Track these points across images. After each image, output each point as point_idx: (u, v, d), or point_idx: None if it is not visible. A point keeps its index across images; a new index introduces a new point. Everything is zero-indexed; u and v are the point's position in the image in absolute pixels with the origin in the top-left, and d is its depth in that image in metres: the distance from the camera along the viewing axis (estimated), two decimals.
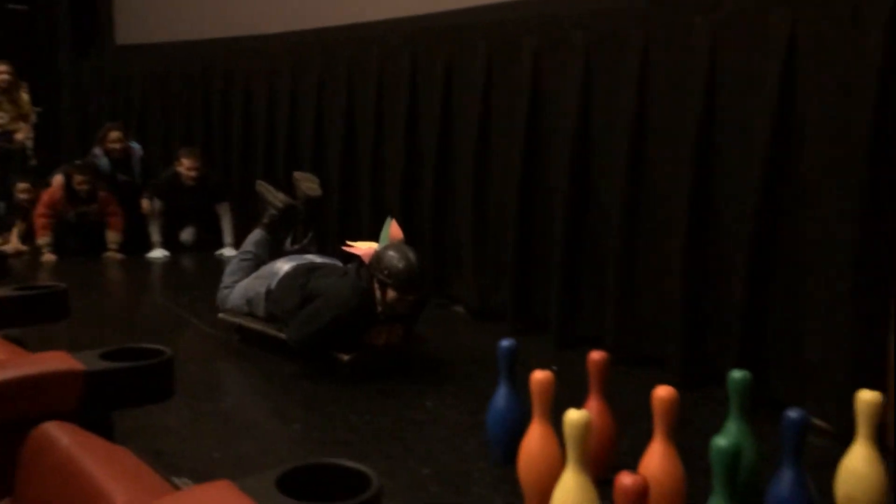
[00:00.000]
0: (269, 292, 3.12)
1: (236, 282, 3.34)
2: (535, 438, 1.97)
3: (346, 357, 2.83)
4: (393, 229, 2.96)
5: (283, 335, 3.00)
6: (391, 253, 2.82)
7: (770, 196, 2.62)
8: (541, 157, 3.42)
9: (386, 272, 2.79)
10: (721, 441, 1.56)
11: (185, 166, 5.13)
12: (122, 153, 5.48)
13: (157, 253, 5.20)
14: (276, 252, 3.42)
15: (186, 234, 5.44)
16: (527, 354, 3.16)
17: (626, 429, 2.23)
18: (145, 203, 5.21)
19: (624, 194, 3.05)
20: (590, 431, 1.72)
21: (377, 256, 2.84)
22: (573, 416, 1.70)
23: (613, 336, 3.08)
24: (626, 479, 1.42)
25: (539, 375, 1.97)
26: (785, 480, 1.74)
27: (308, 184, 3.58)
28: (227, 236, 5.27)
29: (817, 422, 2.49)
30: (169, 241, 5.29)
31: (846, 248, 2.40)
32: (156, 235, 5.24)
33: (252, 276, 3.28)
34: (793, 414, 1.72)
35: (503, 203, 3.57)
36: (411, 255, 2.82)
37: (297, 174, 3.69)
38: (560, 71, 3.31)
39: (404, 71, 4.06)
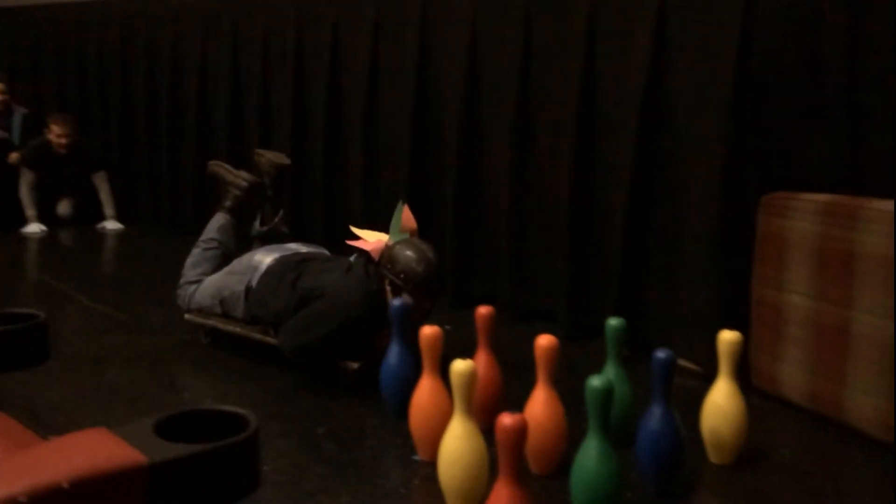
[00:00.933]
0: (249, 291, 2.70)
1: (202, 276, 2.91)
2: (424, 391, 2.03)
3: (354, 365, 2.48)
4: (405, 217, 2.58)
5: (271, 340, 2.63)
6: (409, 253, 2.44)
7: (645, 152, 2.76)
8: (429, 122, 3.46)
9: (402, 276, 2.42)
10: (594, 381, 1.66)
11: (56, 133, 4.87)
12: (2, 105, 5.19)
13: (33, 228, 4.93)
14: (242, 237, 3.02)
15: (63, 208, 5.17)
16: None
17: (514, 379, 2.32)
18: (13, 155, 4.94)
19: (512, 155, 3.13)
20: (475, 381, 1.79)
21: (391, 255, 2.47)
22: (459, 366, 1.76)
23: (506, 293, 3.19)
24: (506, 419, 1.49)
25: (427, 331, 2.02)
26: (655, 415, 1.86)
27: (272, 155, 3.17)
28: (108, 208, 5.05)
29: (689, 365, 2.68)
30: (45, 215, 5.03)
31: (712, 202, 2.58)
32: (30, 209, 4.96)
33: (224, 272, 2.84)
34: (660, 354, 1.84)
35: (395, 165, 3.59)
36: (431, 255, 2.46)
37: (259, 151, 3.25)
38: (446, 34, 3.34)
39: (290, 23, 4.00)
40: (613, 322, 2.11)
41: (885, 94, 2.32)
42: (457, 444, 1.77)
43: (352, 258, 2.68)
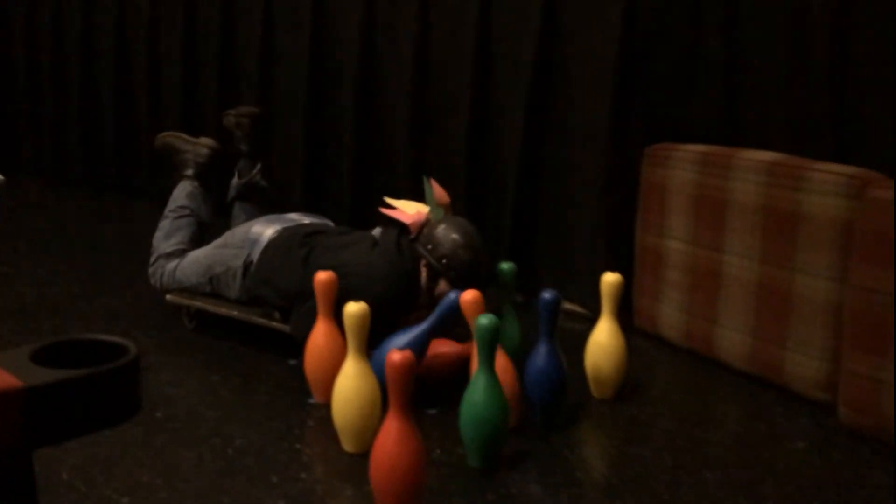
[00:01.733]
0: (248, 267, 2.38)
1: (179, 248, 2.59)
2: (319, 334, 2.05)
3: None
4: (437, 192, 2.31)
5: (276, 324, 2.33)
6: (455, 236, 2.16)
7: (537, 106, 2.83)
8: (328, 67, 3.42)
9: (445, 261, 2.15)
10: (482, 319, 1.73)
11: None
12: None
13: None
14: (214, 206, 2.76)
15: None
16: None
17: None
18: None
19: (410, 103, 3.13)
20: (367, 321, 1.82)
21: (433, 235, 2.18)
22: (351, 307, 1.79)
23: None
24: (394, 356, 1.53)
25: (321, 276, 2.04)
26: (541, 353, 1.96)
27: (243, 109, 2.89)
28: None
29: (578, 308, 2.81)
30: None
31: (600, 153, 2.68)
32: None
33: (214, 246, 2.51)
34: (546, 295, 1.93)
35: (291, 113, 3.54)
36: (477, 241, 2.19)
37: (226, 112, 2.93)
38: None
39: None
40: (504, 266, 2.18)
41: (758, 52, 2.46)
42: (349, 383, 1.81)
43: (374, 231, 2.34)
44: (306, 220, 2.51)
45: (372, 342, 1.97)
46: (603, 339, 2.14)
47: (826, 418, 2.07)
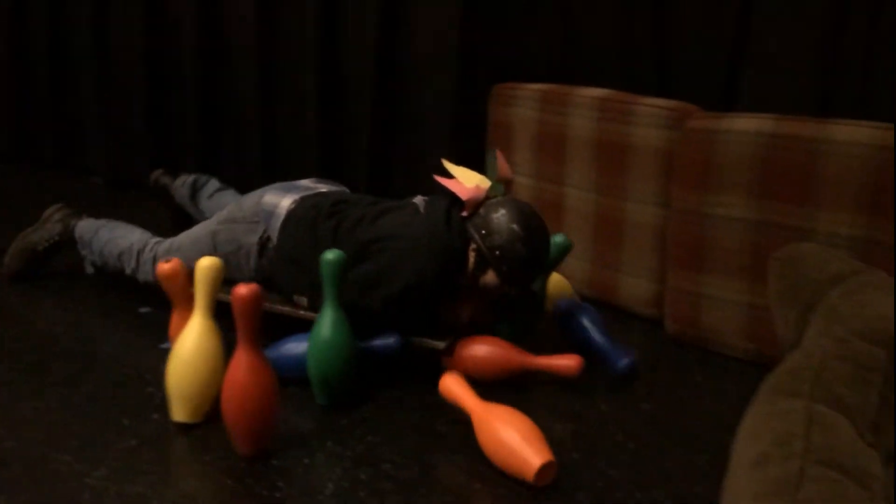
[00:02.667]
0: (265, 244, 2.07)
1: (145, 236, 2.27)
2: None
3: (440, 345, 1.91)
4: (501, 166, 2.00)
5: (304, 313, 2.00)
6: (514, 226, 1.85)
7: (384, 46, 2.85)
8: (164, 20, 3.29)
9: (498, 252, 1.85)
10: (328, 254, 1.76)
11: None
12: None
13: None
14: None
15: None
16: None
17: None
18: None
19: (255, 57, 3.09)
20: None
21: (489, 218, 1.87)
22: (204, 261, 1.72)
23: (258, 177, 3.17)
24: (241, 289, 1.55)
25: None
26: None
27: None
28: None
29: None
30: None
31: (449, 95, 2.76)
32: None
33: (218, 220, 2.15)
34: (329, 255, 1.86)
35: (127, 64, 3.39)
36: (539, 234, 1.89)
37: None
38: None
39: None
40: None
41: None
42: (192, 338, 1.68)
43: (416, 199, 2.04)
44: (323, 187, 2.19)
45: (405, 326, 1.88)
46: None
47: (655, 332, 2.27)
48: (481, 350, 1.90)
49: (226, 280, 2.03)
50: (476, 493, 1.52)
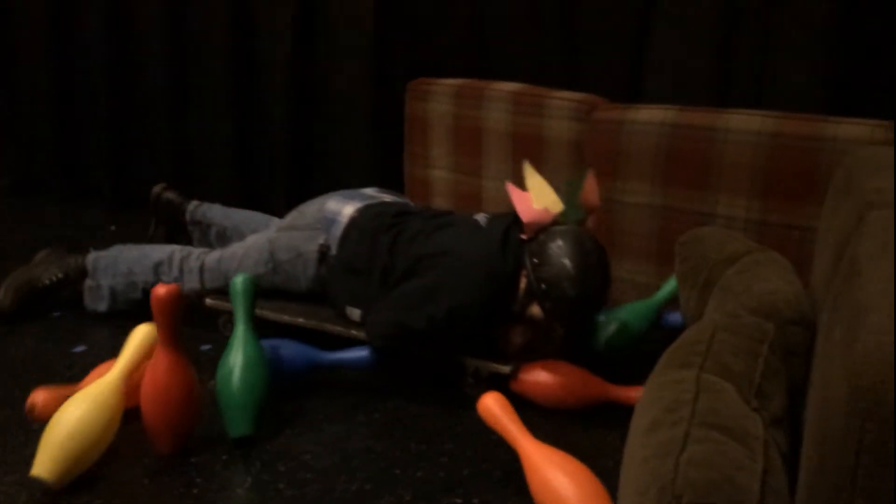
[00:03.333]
0: (325, 252, 1.97)
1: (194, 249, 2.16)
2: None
3: (506, 369, 1.80)
4: (588, 192, 1.83)
5: (356, 332, 1.89)
6: (566, 262, 1.70)
7: (300, 55, 2.84)
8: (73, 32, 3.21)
9: (545, 286, 1.73)
10: (237, 278, 1.77)
11: None
12: None
13: None
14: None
15: None
16: (80, 220, 3.09)
17: None
18: None
19: (167, 48, 3.03)
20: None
21: (545, 247, 1.74)
22: (140, 330, 1.65)
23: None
24: (160, 289, 1.53)
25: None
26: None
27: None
28: None
29: None
30: None
31: (366, 93, 2.77)
32: None
33: (278, 228, 2.08)
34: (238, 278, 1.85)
35: (34, 74, 3.29)
36: (594, 276, 1.74)
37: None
38: None
39: None
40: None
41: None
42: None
43: (478, 216, 1.94)
44: (387, 196, 2.10)
45: (454, 347, 1.79)
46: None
47: None
48: (545, 376, 1.74)
49: (281, 291, 2.02)
50: (395, 478, 1.55)
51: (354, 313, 1.92)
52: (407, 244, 1.88)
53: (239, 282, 1.76)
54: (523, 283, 1.78)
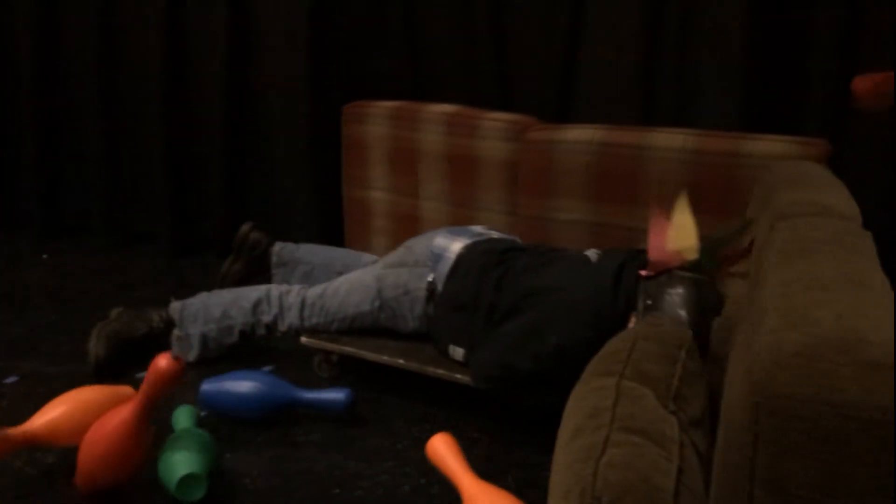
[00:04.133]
0: (434, 290, 1.91)
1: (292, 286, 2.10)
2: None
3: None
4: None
5: (461, 377, 1.80)
6: (682, 314, 1.54)
7: (235, 81, 2.83)
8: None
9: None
10: (179, 410, 1.73)
11: None
12: None
13: None
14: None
15: None
16: (8, 247, 3.02)
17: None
18: None
19: (97, 74, 2.99)
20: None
21: (663, 290, 1.57)
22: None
23: (101, 216, 3.08)
24: (161, 361, 1.49)
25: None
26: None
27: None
28: None
29: None
30: None
31: (302, 117, 2.78)
32: None
33: (384, 265, 2.03)
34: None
35: None
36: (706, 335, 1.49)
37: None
38: None
39: None
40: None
41: (437, 13, 2.67)
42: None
43: (589, 252, 1.85)
44: (495, 234, 2.04)
45: (563, 388, 1.54)
46: None
47: None
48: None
49: (386, 330, 1.95)
50: (334, 497, 1.55)
51: (458, 352, 1.84)
52: (514, 280, 1.79)
53: (179, 419, 1.69)
54: (632, 322, 1.62)
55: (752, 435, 0.69)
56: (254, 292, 2.08)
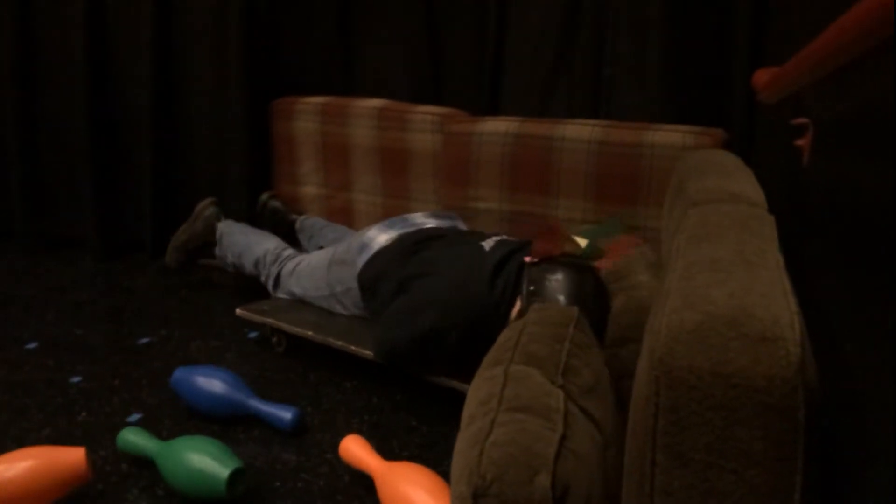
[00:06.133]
0: (359, 278, 2.02)
1: (287, 250, 2.33)
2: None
3: (467, 388, 1.76)
4: (615, 245, 1.73)
5: (353, 347, 1.92)
6: (561, 299, 1.61)
7: (162, 84, 2.79)
8: None
9: None
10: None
11: None
12: None
13: None
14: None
15: None
16: None
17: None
18: None
19: (16, 75, 2.90)
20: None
21: (544, 276, 1.66)
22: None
23: (21, 223, 3.01)
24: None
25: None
26: None
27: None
28: None
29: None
30: None
31: (232, 116, 2.76)
32: None
33: (334, 261, 2.12)
34: None
35: None
36: (591, 319, 1.44)
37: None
38: None
39: None
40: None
41: (368, 9, 2.66)
42: None
43: (487, 241, 1.91)
44: (431, 222, 2.13)
45: (442, 366, 1.75)
46: None
47: None
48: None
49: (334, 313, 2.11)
50: (275, 490, 1.58)
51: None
52: (413, 265, 1.90)
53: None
54: (517, 307, 1.71)
55: (653, 406, 0.75)
56: (259, 248, 2.36)
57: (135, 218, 2.93)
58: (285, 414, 1.77)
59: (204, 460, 1.49)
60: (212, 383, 1.79)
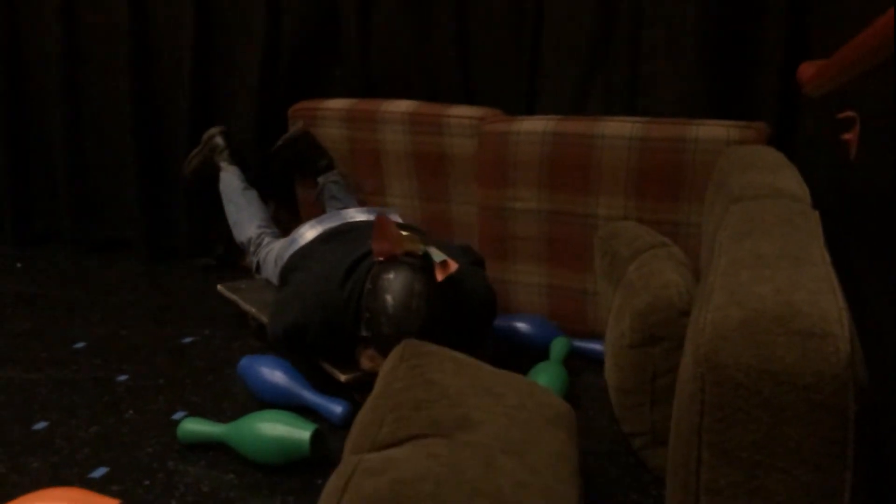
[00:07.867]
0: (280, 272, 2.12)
1: (270, 229, 2.49)
2: None
3: (342, 377, 1.85)
4: (445, 262, 1.69)
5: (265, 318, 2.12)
6: (388, 298, 1.67)
7: (199, 81, 2.80)
8: None
9: (368, 314, 1.72)
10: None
11: None
12: None
13: None
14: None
15: None
16: None
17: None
18: None
19: (63, 80, 2.96)
20: None
21: (380, 276, 1.71)
22: None
23: (70, 227, 3.06)
24: None
25: None
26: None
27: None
28: None
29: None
30: None
31: (250, 118, 2.76)
32: None
33: (278, 253, 2.22)
34: None
35: None
36: (413, 321, 1.66)
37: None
38: None
39: None
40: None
41: (388, 16, 2.61)
42: None
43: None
44: (361, 216, 2.15)
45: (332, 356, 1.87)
46: None
47: None
48: None
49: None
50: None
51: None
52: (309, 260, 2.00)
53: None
54: (364, 348, 1.81)
55: (699, 403, 0.74)
56: (250, 226, 2.46)
57: (178, 221, 2.96)
58: (336, 408, 1.83)
59: (281, 428, 1.62)
60: (274, 374, 1.88)
